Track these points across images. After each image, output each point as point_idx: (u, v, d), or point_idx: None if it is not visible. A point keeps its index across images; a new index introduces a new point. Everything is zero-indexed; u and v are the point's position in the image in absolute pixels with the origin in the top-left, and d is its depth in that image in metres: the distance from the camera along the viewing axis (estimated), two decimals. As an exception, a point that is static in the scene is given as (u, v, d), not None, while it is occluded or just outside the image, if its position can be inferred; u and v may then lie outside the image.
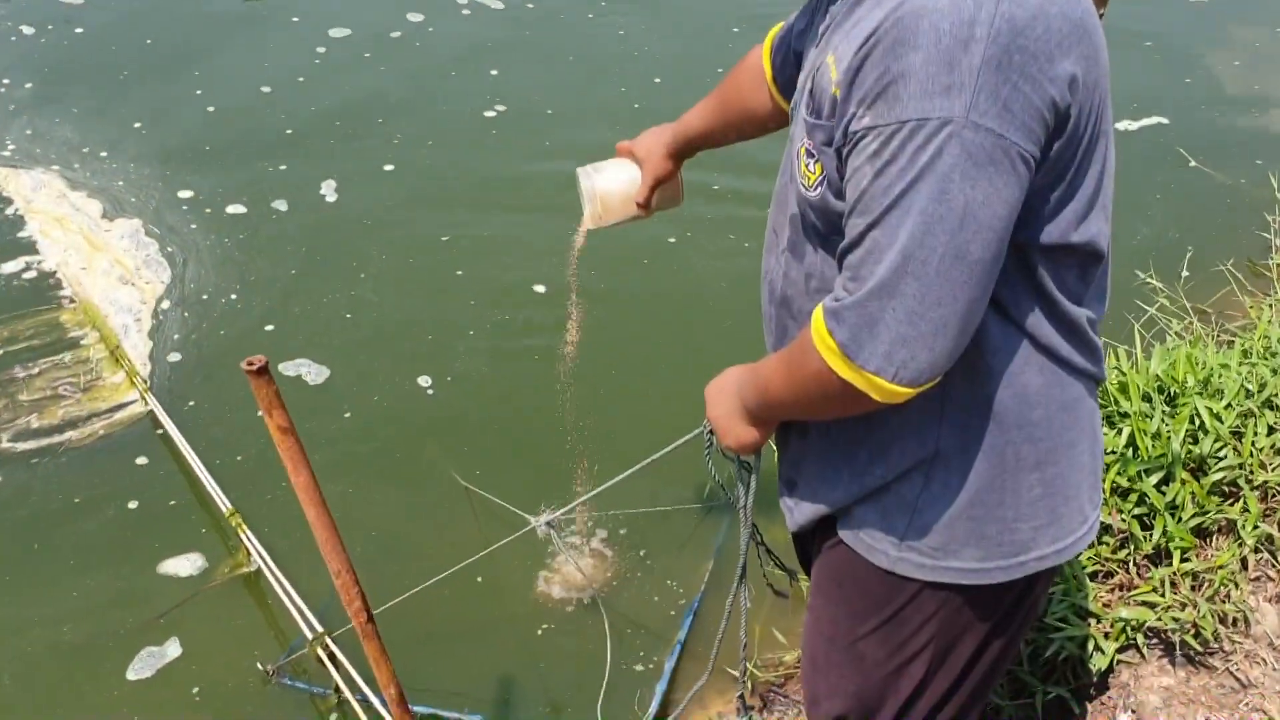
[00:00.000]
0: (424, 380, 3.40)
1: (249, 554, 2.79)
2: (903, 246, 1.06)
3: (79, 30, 5.38)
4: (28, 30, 5.35)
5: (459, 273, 3.90)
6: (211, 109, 4.87)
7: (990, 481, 1.31)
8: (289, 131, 4.72)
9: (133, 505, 3.03)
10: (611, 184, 1.87)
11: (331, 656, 2.46)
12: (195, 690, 2.56)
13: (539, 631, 2.72)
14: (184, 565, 2.87)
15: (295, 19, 5.55)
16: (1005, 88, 1.02)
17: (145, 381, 3.39)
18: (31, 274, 3.90)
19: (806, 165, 1.21)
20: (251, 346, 3.55)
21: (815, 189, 1.20)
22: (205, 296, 3.80)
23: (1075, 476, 1.35)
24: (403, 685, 1.97)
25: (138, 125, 4.73)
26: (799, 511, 1.50)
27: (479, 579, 2.78)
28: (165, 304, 3.78)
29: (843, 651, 1.53)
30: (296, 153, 4.58)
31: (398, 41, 5.42)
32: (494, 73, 5.18)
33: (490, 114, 4.86)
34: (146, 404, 3.32)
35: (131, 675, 2.59)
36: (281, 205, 4.26)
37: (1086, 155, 1.16)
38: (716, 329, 3.64)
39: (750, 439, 1.47)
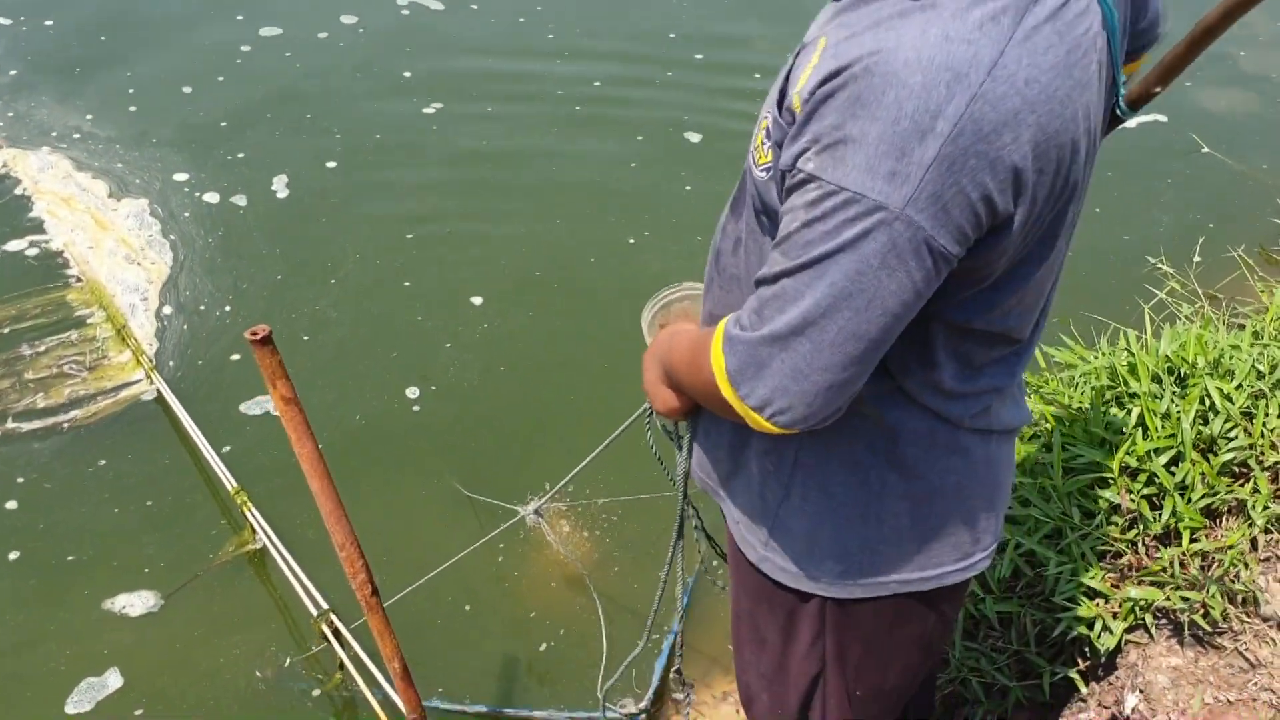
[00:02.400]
0: (412, 392, 3.36)
1: (254, 532, 2.78)
2: (805, 310, 1.05)
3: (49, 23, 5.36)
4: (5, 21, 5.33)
5: (428, 272, 3.89)
6: (189, 89, 4.86)
7: (853, 498, 1.33)
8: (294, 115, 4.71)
9: (137, 482, 3.03)
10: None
11: (336, 633, 2.46)
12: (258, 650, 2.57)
13: (534, 618, 2.73)
14: (189, 543, 2.87)
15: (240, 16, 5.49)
16: (950, 190, 0.98)
17: (151, 361, 3.38)
18: (39, 253, 3.90)
19: (763, 145, 1.16)
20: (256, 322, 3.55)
21: (763, 172, 1.16)
22: (211, 278, 3.80)
23: (957, 516, 1.35)
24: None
25: (133, 109, 4.74)
26: (695, 464, 1.54)
27: (473, 574, 2.77)
28: (172, 283, 3.78)
29: (749, 627, 1.59)
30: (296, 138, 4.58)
31: (340, 34, 5.37)
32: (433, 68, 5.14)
33: (429, 110, 4.83)
34: (152, 383, 3.31)
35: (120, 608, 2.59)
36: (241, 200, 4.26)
37: (1020, 257, 1.13)
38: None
39: (674, 404, 1.46)
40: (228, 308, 3.65)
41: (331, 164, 4.40)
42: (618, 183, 4.37)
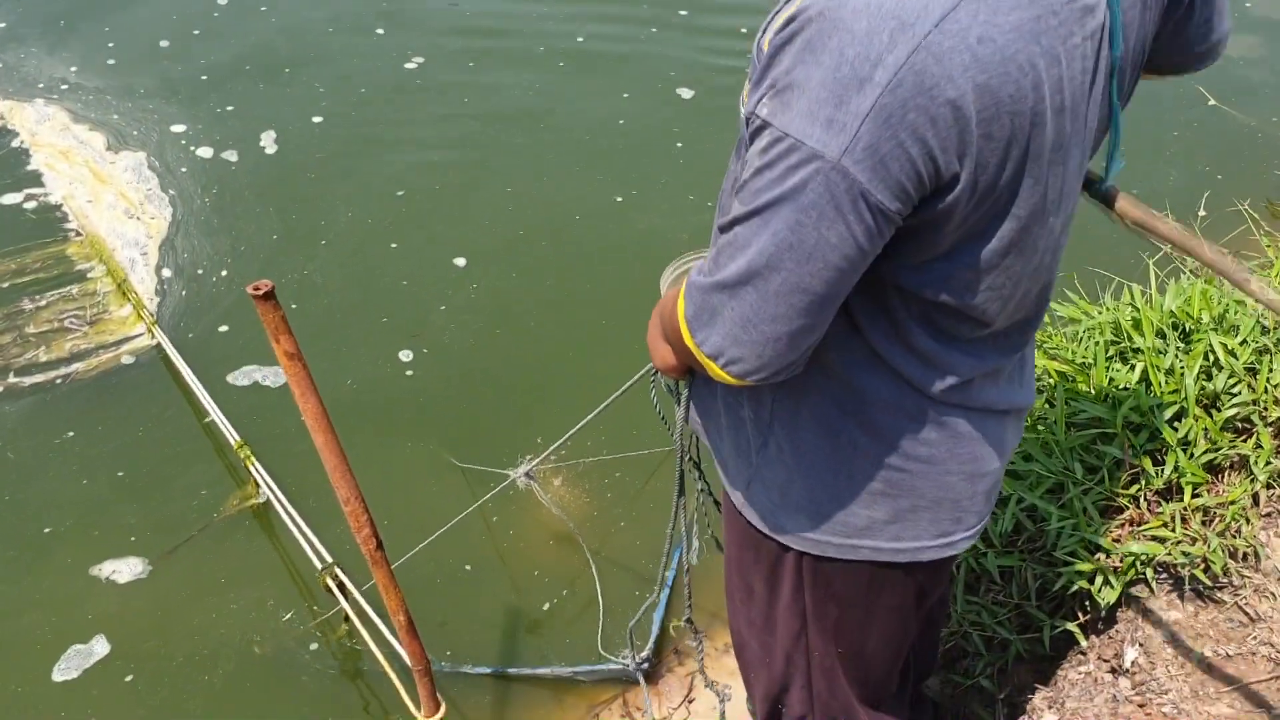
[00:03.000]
0: (405, 355, 3.34)
1: (258, 486, 2.79)
2: (751, 258, 1.04)
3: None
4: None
5: (419, 231, 3.86)
6: (165, 44, 4.81)
7: (824, 455, 1.31)
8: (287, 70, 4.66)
9: (140, 436, 3.03)
10: None
11: (341, 586, 2.47)
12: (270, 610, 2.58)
13: (536, 576, 2.74)
14: (193, 497, 2.88)
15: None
16: (887, 143, 0.95)
17: (152, 315, 3.38)
18: (37, 206, 3.88)
19: (747, 86, 1.13)
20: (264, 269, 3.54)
21: (743, 109, 1.13)
22: (209, 239, 3.78)
23: (932, 492, 1.33)
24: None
25: (111, 62, 4.70)
26: (692, 409, 1.54)
27: (471, 537, 2.78)
28: (171, 238, 3.76)
29: (739, 577, 1.60)
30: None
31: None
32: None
33: (410, 66, 4.78)
34: (153, 337, 3.31)
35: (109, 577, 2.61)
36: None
37: (976, 230, 1.09)
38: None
39: (671, 361, 1.45)
40: (224, 272, 3.63)
41: (318, 119, 4.37)
42: (608, 140, 4.32)
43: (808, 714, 1.67)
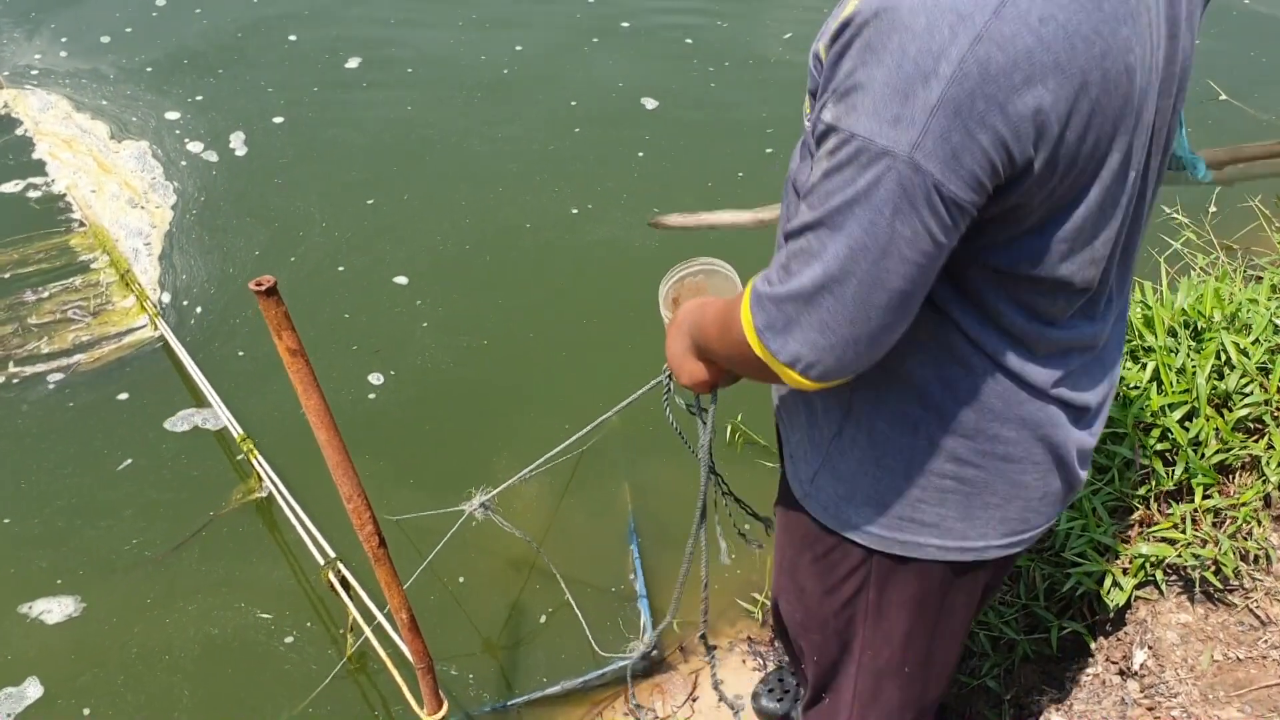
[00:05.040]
0: (375, 378, 3.21)
1: (260, 480, 2.78)
2: (826, 264, 1.03)
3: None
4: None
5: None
6: (106, 39, 4.79)
7: (898, 448, 1.29)
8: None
9: (144, 427, 3.02)
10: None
11: (344, 581, 2.46)
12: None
13: (513, 600, 2.68)
14: (196, 490, 2.87)
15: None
16: (957, 134, 0.95)
17: (156, 306, 3.36)
18: (41, 195, 3.87)
19: (807, 95, 1.14)
20: (258, 273, 3.52)
21: (808, 122, 1.14)
22: (217, 221, 3.76)
23: (1006, 490, 1.31)
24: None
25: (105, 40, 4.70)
26: (774, 394, 1.52)
27: (437, 576, 2.69)
28: (175, 228, 3.74)
29: (789, 578, 1.57)
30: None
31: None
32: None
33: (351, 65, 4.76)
34: (157, 329, 3.29)
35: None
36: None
37: (1065, 201, 1.08)
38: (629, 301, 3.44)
39: (702, 377, 1.45)
40: (234, 254, 3.61)
41: (278, 119, 4.35)
42: (563, 150, 4.23)
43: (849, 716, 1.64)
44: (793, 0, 5.36)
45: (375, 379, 3.16)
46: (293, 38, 4.93)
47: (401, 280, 3.58)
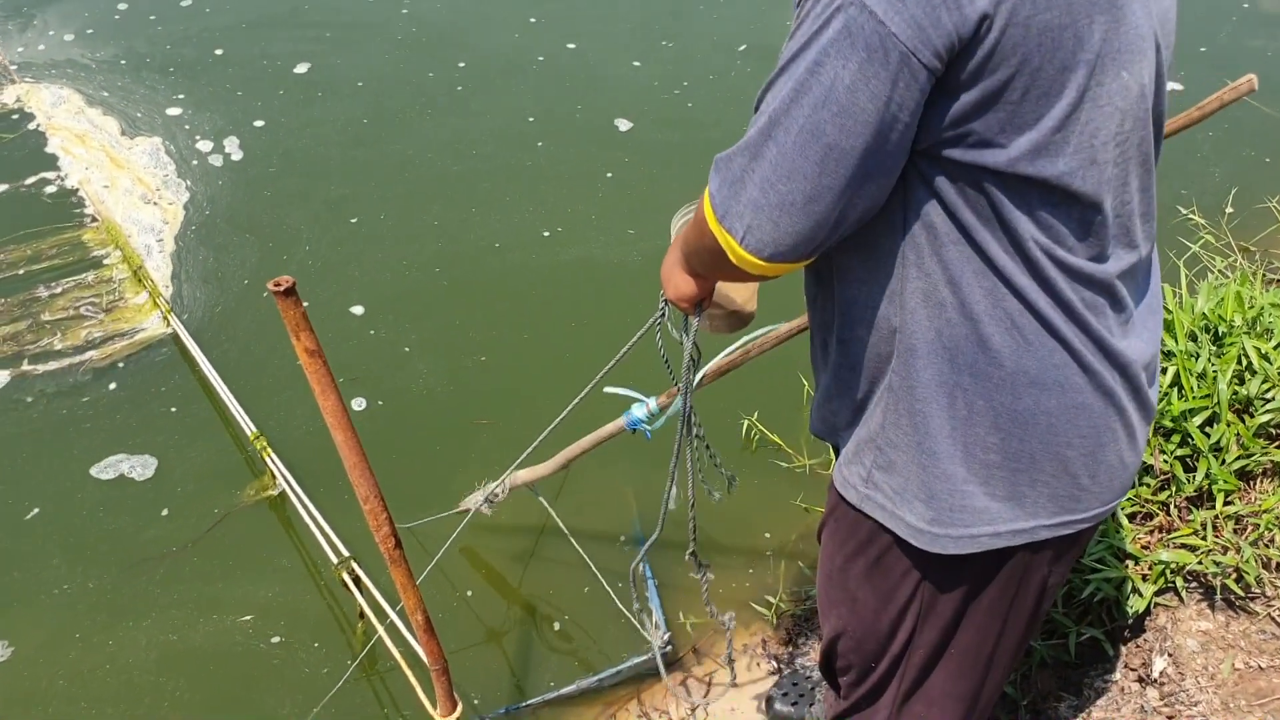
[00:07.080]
0: (358, 403, 3.11)
1: (274, 477, 2.77)
2: (773, 110, 1.06)
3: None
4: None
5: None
6: (69, 36, 4.78)
7: (938, 423, 1.23)
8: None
9: (157, 425, 3.02)
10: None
11: (357, 581, 2.45)
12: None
13: (527, 601, 2.69)
14: (209, 488, 2.87)
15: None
16: None
17: (168, 303, 3.36)
18: (54, 190, 3.86)
19: None
20: (275, 270, 3.52)
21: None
22: (230, 219, 3.76)
23: (1051, 460, 1.23)
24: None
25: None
26: (818, 419, 1.46)
27: (448, 576, 2.68)
28: (188, 225, 3.74)
29: (839, 588, 1.51)
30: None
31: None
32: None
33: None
34: (169, 325, 3.29)
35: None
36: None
37: (1041, 90, 1.05)
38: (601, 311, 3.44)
39: (687, 290, 1.43)
40: (247, 252, 3.61)
41: (259, 122, 4.32)
42: (535, 170, 4.18)
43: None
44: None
45: (358, 404, 3.10)
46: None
47: (358, 310, 3.57)
